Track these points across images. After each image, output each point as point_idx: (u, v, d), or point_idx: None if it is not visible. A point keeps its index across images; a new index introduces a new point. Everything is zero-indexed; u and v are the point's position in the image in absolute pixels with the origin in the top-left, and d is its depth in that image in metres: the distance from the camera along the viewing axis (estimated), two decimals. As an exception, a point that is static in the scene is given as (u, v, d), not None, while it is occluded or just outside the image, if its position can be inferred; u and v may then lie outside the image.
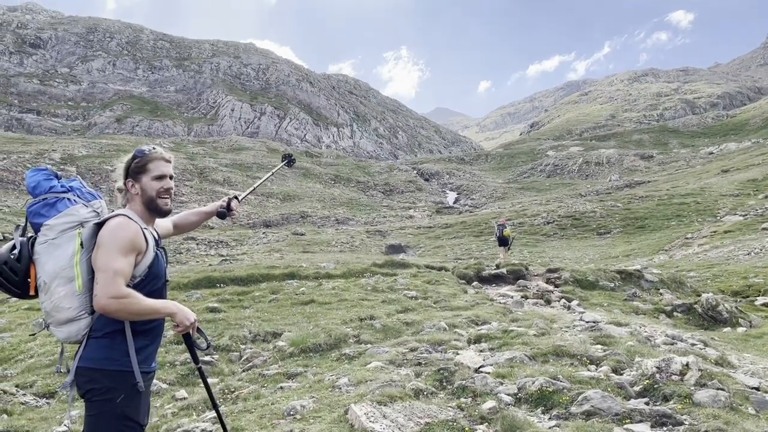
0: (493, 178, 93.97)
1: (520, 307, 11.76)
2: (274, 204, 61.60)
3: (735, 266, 22.73)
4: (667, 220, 40.82)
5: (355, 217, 58.68)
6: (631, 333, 8.23)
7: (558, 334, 8.08)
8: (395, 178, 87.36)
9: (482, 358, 6.58)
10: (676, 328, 11.05)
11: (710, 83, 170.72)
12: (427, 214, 62.76)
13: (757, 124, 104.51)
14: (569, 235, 41.79)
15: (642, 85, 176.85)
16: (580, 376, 5.43)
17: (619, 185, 68.17)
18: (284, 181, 72.94)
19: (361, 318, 9.86)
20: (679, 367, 5.23)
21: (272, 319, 10.48)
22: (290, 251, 32.83)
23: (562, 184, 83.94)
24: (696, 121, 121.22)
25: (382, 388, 5.40)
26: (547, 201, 60.58)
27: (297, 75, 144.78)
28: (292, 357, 8.00)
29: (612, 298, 13.94)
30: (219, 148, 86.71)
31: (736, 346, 9.87)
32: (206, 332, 3.02)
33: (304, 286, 13.77)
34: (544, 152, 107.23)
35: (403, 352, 7.21)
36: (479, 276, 16.15)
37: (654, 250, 32.73)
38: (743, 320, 12.72)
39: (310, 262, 19.71)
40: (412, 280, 14.71)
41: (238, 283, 14.28)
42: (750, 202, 40.33)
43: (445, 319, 9.48)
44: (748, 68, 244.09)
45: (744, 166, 58.94)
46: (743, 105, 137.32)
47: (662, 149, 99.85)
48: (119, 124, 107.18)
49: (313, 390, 6.10)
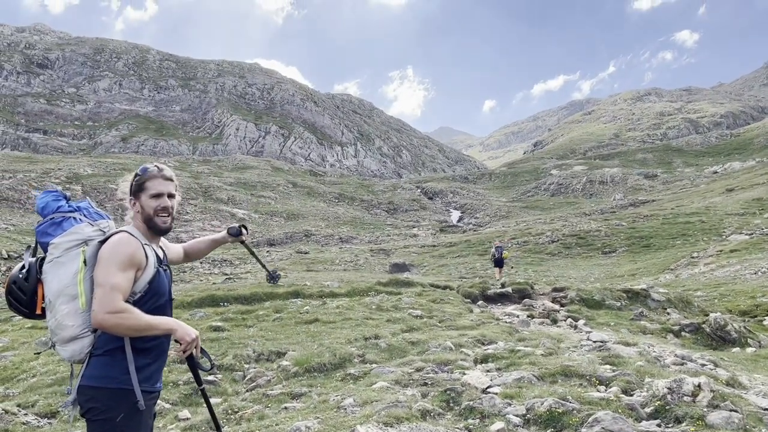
0: (497, 196, 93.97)
1: (526, 326, 11.65)
2: (278, 222, 61.64)
3: (742, 286, 22.54)
4: (673, 239, 40.64)
5: (359, 235, 58.64)
6: (640, 353, 8.12)
7: (565, 353, 7.98)
8: (399, 196, 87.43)
9: (489, 378, 6.49)
10: (685, 348, 10.91)
11: (713, 103, 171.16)
12: (431, 233, 62.68)
13: (761, 143, 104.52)
14: (574, 254, 41.62)
15: (645, 105, 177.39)
16: (589, 397, 5.34)
17: (624, 204, 68.08)
18: (288, 200, 73.08)
19: (366, 337, 9.77)
20: (691, 388, 5.14)
21: (276, 338, 10.39)
22: (294, 270, 32.75)
23: (566, 203, 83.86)
24: (700, 141, 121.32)
25: (389, 408, 5.31)
26: (551, 220, 60.47)
27: (301, 94, 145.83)
28: (296, 377, 7.91)
29: (619, 318, 13.81)
30: (224, 167, 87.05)
31: (746, 366, 9.72)
32: (210, 351, 2.97)
33: (308, 304, 13.68)
34: (548, 171, 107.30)
35: (408, 372, 7.12)
36: (484, 295, 16.05)
37: (660, 269, 32.53)
38: (752, 340, 12.56)
39: (314, 280, 19.63)
40: (416, 299, 14.61)
41: (242, 301, 14.21)
42: (756, 221, 40.16)
43: (450, 338, 9.38)
44: (752, 88, 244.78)
45: (749, 185, 58.82)
46: (747, 124, 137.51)
47: (666, 168, 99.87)
48: (125, 144, 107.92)
49: (318, 410, 6.00)
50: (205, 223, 54.95)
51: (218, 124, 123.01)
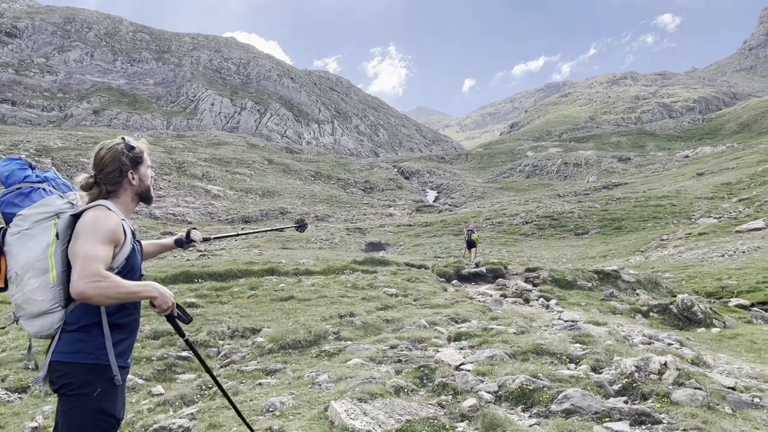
0: (473, 177, 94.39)
1: (499, 305, 11.82)
2: (253, 200, 61.18)
3: (709, 268, 23.10)
4: (644, 222, 41.36)
5: (335, 214, 58.54)
6: (610, 332, 8.30)
7: (537, 332, 8.12)
8: (376, 175, 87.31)
9: (462, 355, 6.59)
10: (653, 328, 11.19)
11: (687, 88, 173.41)
12: (407, 212, 62.83)
13: (732, 129, 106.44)
14: (547, 235, 42.13)
15: (621, 88, 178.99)
16: (559, 375, 5.46)
17: (597, 186, 68.94)
18: (264, 177, 72.48)
19: (341, 315, 9.82)
20: (657, 366, 5.28)
21: (251, 315, 10.39)
22: (269, 247, 32.62)
23: (540, 184, 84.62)
24: (673, 125, 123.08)
25: (363, 385, 5.37)
26: (525, 201, 61.02)
27: (278, 70, 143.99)
28: (271, 353, 7.93)
29: (590, 298, 14.08)
30: (198, 143, 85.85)
31: (711, 346, 10.02)
32: (183, 328, 3.01)
33: (284, 282, 13.68)
34: (524, 153, 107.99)
35: (383, 349, 7.19)
36: (459, 274, 16.20)
37: (630, 251, 33.14)
38: (717, 321, 12.92)
39: (290, 258, 19.61)
40: (392, 277, 14.69)
41: (217, 278, 14.14)
42: (724, 205, 41.03)
43: (425, 316, 9.48)
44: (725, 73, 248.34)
45: (718, 169, 59.96)
46: (719, 110, 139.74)
47: (639, 152, 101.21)
48: (96, 117, 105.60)
49: (293, 387, 6.05)
50: (179, 198, 54.33)
51: (193, 98, 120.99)
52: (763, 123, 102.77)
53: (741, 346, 10.18)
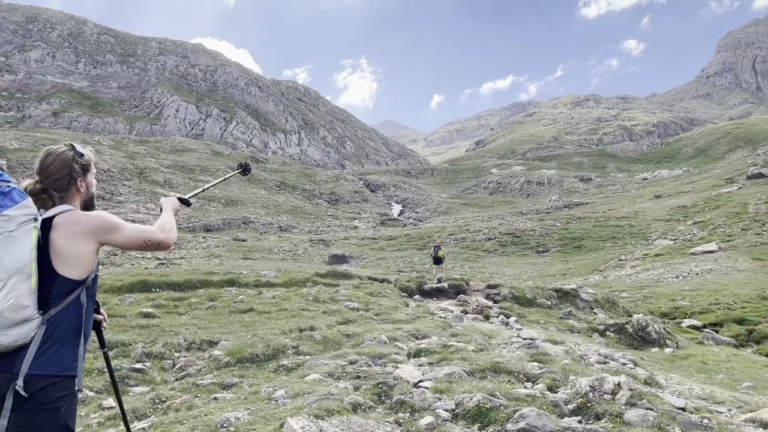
0: (438, 192, 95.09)
1: (459, 321, 11.87)
2: (215, 208, 60.38)
3: (664, 289, 23.69)
4: (603, 242, 42.23)
5: (299, 225, 58.18)
6: (567, 351, 8.41)
7: (496, 350, 8.18)
8: (341, 187, 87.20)
9: (421, 372, 6.58)
10: (609, 347, 11.38)
11: (647, 112, 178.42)
12: (371, 226, 62.85)
13: (689, 154, 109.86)
14: (509, 252, 42.64)
15: (584, 110, 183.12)
16: (516, 393, 5.50)
17: (559, 205, 70.19)
18: (227, 185, 71.66)
19: (301, 329, 9.73)
20: (611, 386, 5.37)
21: (209, 327, 10.21)
22: (230, 257, 32.20)
23: (504, 201, 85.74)
24: (633, 148, 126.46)
25: (320, 401, 5.31)
26: (489, 218, 61.71)
27: (246, 78, 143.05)
28: (228, 367, 7.80)
29: (548, 316, 14.26)
30: (161, 149, 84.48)
31: (664, 366, 10.24)
32: (139, 339, 2.92)
33: (244, 293, 13.50)
34: (488, 170, 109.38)
35: (342, 365, 7.14)
36: (421, 289, 16.25)
37: (589, 270, 33.76)
38: (670, 341, 13.23)
39: (251, 269, 19.38)
40: (354, 291, 14.65)
41: (175, 288, 13.87)
42: (680, 228, 42.21)
43: (386, 332, 9.46)
44: (683, 99, 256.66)
45: (675, 192, 61.73)
46: (677, 134, 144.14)
47: (600, 173, 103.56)
48: (56, 118, 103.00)
49: (249, 402, 5.95)
50: (140, 205, 53.24)
51: (157, 104, 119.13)
52: (717, 149, 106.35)
53: (692, 367, 10.43)
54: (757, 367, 11.47)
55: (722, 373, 10.28)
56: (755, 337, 15.82)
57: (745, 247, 31.30)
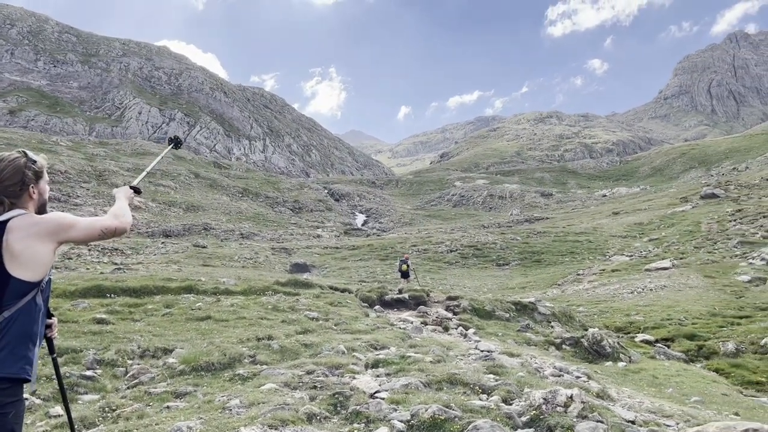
0: (402, 203, 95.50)
1: (419, 333, 11.91)
2: (176, 213, 59.39)
3: (620, 304, 24.23)
4: (562, 256, 42.99)
5: (261, 232, 57.63)
6: (522, 364, 8.52)
7: (453, 361, 8.23)
8: (305, 196, 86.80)
9: (378, 383, 6.58)
10: (564, 360, 11.57)
11: (607, 130, 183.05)
12: (335, 235, 62.67)
13: (646, 172, 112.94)
14: (470, 264, 43.03)
15: (546, 126, 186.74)
16: (471, 405, 5.54)
17: (520, 219, 71.23)
18: (189, 190, 70.63)
19: (259, 337, 9.63)
20: (564, 399, 5.46)
21: (164, 335, 10.02)
22: (189, 264, 31.69)
23: (466, 214, 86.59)
24: (593, 165, 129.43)
25: (275, 411, 5.26)
26: (451, 230, 62.22)
27: (211, 83, 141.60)
28: (182, 375, 7.66)
29: (507, 329, 14.43)
30: (122, 151, 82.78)
31: (617, 379, 10.45)
32: (91, 345, 2.87)
33: (201, 301, 13.30)
34: (452, 182, 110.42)
35: (299, 375, 7.09)
36: (382, 300, 16.26)
37: (548, 284, 34.30)
38: (624, 355, 13.52)
39: (210, 276, 19.11)
40: (314, 300, 14.57)
41: (131, 294, 13.58)
42: (636, 244, 43.27)
43: (344, 342, 9.43)
44: (641, 119, 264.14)
45: (632, 210, 63.30)
46: (635, 153, 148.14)
47: (561, 188, 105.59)
48: (12, 117, 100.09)
49: (202, 411, 5.85)
50: (97, 208, 51.99)
51: (119, 105, 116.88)
52: (674, 168, 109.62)
53: (644, 381, 10.68)
54: (705, 382, 11.81)
55: (672, 387, 10.55)
56: (704, 353, 16.29)
57: (697, 265, 32.25)
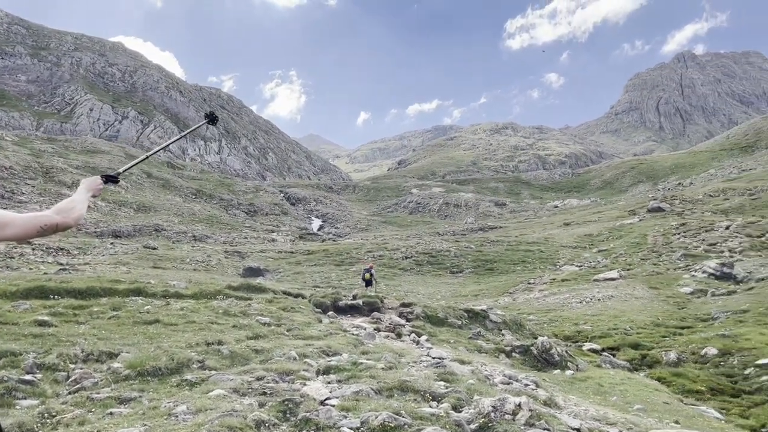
0: (359, 209, 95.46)
1: (372, 339, 11.90)
2: (126, 213, 57.90)
3: (569, 313, 24.76)
4: (514, 265, 43.70)
5: (215, 235, 56.69)
6: (473, 371, 8.61)
7: (405, 368, 8.25)
8: (261, 199, 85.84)
9: (329, 390, 6.54)
10: (514, 368, 11.74)
11: (560, 143, 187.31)
12: (290, 239, 62.15)
13: (597, 185, 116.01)
14: (425, 271, 43.31)
15: (502, 137, 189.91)
16: (421, 412, 5.56)
17: (474, 228, 72.11)
18: (141, 190, 68.99)
19: (209, 342, 9.44)
20: (512, 406, 5.54)
21: (110, 338, 9.73)
22: (139, 266, 30.91)
23: (422, 221, 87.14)
24: (546, 176, 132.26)
25: (222, 418, 5.17)
26: (407, 237, 62.50)
27: (167, 82, 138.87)
28: (127, 380, 7.44)
29: (459, 336, 14.56)
30: (71, 148, 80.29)
31: (564, 387, 10.66)
32: (31, 348, 2.71)
33: (150, 304, 12.98)
34: (409, 190, 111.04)
35: (248, 381, 6.98)
36: (336, 306, 16.19)
37: (500, 292, 34.80)
38: (571, 364, 13.81)
39: (160, 279, 18.68)
40: (267, 305, 14.40)
41: (76, 295, 13.14)
42: (585, 255, 44.33)
43: (296, 348, 9.34)
44: (593, 133, 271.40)
45: (583, 221, 64.86)
46: (586, 166, 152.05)
47: (515, 198, 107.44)
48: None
49: (147, 417, 5.70)
50: (43, 206, 50.22)
51: (70, 101, 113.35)
52: (623, 182, 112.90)
53: (590, 389, 10.93)
54: (648, 391, 12.17)
55: (616, 396, 10.84)
56: (648, 362, 16.80)
57: (643, 276, 33.25)
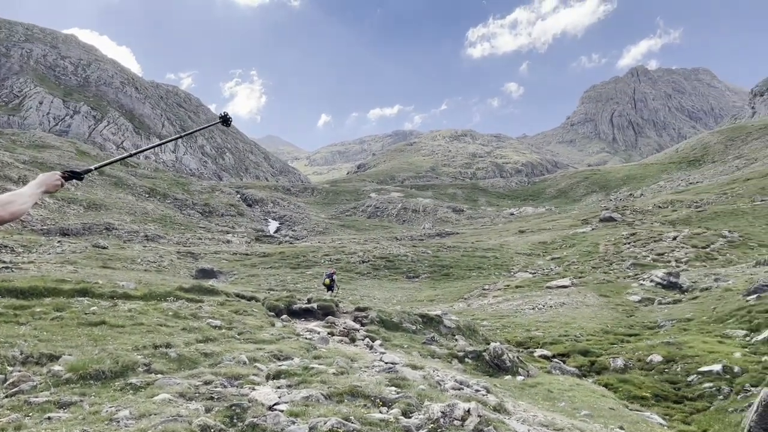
0: (317, 212, 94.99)
1: (325, 343, 11.81)
2: (75, 211, 56.17)
3: (521, 319, 25.12)
4: (470, 271, 44.14)
5: (168, 235, 55.51)
6: (425, 377, 8.62)
7: (357, 373, 8.21)
8: (217, 199, 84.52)
9: (278, 395, 6.45)
10: (466, 373, 11.82)
11: (518, 152, 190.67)
12: (245, 241, 61.35)
13: (552, 194, 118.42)
14: (381, 275, 43.34)
15: (461, 144, 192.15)
16: (371, 418, 5.52)
17: (431, 233, 72.61)
18: (91, 188, 67.07)
19: (156, 345, 9.20)
20: (462, 412, 5.56)
21: (52, 340, 9.38)
22: (87, 265, 30.02)
23: (381, 226, 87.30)
24: (502, 184, 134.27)
25: (166, 423, 5.03)
26: (365, 241, 62.47)
27: (122, 77, 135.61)
28: (68, 384, 7.17)
29: (413, 341, 14.58)
30: (18, 142, 77.54)
31: (514, 393, 10.79)
32: None
33: (97, 305, 12.58)
34: (368, 194, 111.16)
35: (196, 385, 6.82)
36: (290, 309, 16.00)
37: (455, 298, 35.08)
38: (522, 369, 13.99)
39: (109, 279, 18.17)
40: (218, 308, 14.13)
41: (17, 295, 12.65)
42: (539, 262, 45.11)
43: (247, 352, 9.18)
44: (549, 143, 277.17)
45: (537, 229, 66.02)
46: (542, 175, 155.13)
47: (472, 205, 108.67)
48: None
49: (87, 422, 5.50)
50: (-14, 201, 48.33)
51: (18, 93, 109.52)
52: (577, 191, 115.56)
53: (539, 395, 11.08)
54: (595, 397, 12.42)
55: (565, 401, 11.02)
56: (596, 368, 17.17)
57: (594, 284, 34.01)
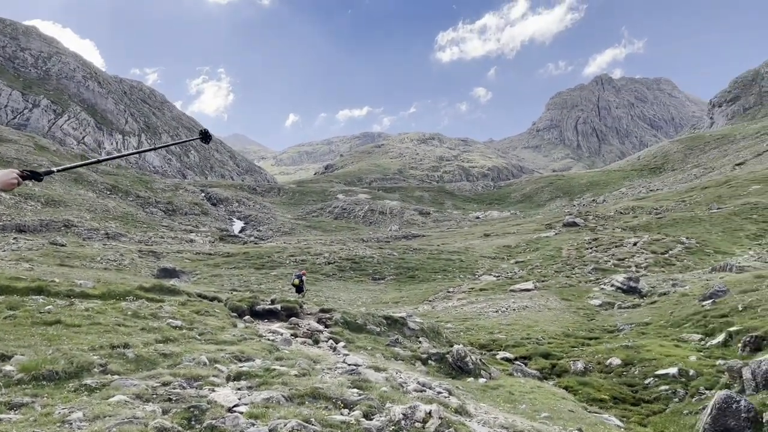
0: (283, 212, 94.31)
1: (287, 345, 11.70)
2: (33, 207, 54.62)
3: (485, 322, 25.33)
4: (435, 273, 44.36)
5: (129, 233, 54.41)
6: (387, 378, 8.60)
7: (319, 375, 8.15)
8: (180, 198, 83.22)
9: (238, 396, 6.35)
10: (429, 375, 11.85)
11: (484, 156, 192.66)
12: (209, 240, 60.53)
13: (517, 198, 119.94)
14: (347, 277, 43.24)
15: (429, 147, 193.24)
16: (332, 420, 5.48)
17: (398, 236, 72.79)
18: (50, 183, 65.32)
19: (114, 345, 8.98)
20: (423, 414, 5.55)
21: (4, 339, 9.07)
22: (44, 263, 29.22)
23: (347, 227, 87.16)
24: (469, 187, 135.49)
25: (121, 425, 4.91)
26: (331, 242, 62.27)
27: (84, 71, 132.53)
28: (20, 384, 6.95)
29: (376, 343, 14.56)
30: (-27, 135, 75.12)
31: (476, 395, 10.86)
32: None
33: (52, 304, 12.23)
34: (335, 195, 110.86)
35: (153, 386, 6.68)
36: (253, 310, 15.82)
37: (420, 300, 35.21)
38: (485, 372, 14.10)
39: (66, 277, 17.70)
40: (179, 308, 13.89)
41: (-32, 293, 12.22)
42: (503, 266, 45.60)
43: (207, 352, 9.04)
44: (515, 148, 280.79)
45: (502, 232, 66.75)
46: (508, 179, 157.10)
47: (438, 208, 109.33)
48: None
49: (38, 424, 5.33)
50: (-62, 195, 46.63)
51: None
52: (541, 196, 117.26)
53: (501, 397, 11.18)
54: (555, 399, 12.58)
55: (525, 404, 11.13)
56: (557, 371, 17.40)
57: (556, 288, 34.52)
